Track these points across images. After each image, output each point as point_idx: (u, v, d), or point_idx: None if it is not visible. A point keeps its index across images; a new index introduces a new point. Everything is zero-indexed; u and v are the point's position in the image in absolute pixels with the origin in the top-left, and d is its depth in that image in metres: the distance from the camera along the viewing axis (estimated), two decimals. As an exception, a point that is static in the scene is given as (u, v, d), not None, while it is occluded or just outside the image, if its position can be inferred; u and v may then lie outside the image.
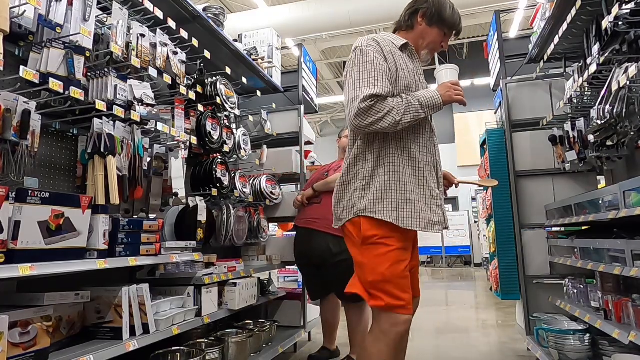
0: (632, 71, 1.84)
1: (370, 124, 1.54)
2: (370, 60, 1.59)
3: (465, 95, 1.72)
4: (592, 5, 2.31)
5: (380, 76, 1.57)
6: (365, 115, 1.53)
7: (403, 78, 1.64)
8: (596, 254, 2.32)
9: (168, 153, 2.37)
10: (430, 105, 1.60)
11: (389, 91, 1.56)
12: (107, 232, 1.73)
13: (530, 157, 3.36)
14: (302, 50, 4.31)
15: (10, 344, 1.36)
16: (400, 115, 1.54)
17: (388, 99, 1.56)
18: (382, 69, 1.59)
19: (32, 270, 1.36)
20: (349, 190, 1.68)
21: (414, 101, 1.57)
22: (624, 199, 1.91)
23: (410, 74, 1.67)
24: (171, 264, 2.42)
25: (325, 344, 3.25)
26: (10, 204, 1.37)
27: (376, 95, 1.53)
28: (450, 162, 13.44)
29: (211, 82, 2.88)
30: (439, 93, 1.62)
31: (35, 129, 1.65)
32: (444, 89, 1.64)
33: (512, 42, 4.10)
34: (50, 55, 1.65)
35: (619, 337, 1.95)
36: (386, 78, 1.58)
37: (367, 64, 1.59)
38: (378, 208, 1.59)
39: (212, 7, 3.15)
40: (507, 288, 3.30)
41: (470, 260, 12.07)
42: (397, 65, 1.64)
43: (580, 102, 2.73)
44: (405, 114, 1.55)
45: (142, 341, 1.80)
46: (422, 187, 1.63)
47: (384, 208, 1.59)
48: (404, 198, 1.59)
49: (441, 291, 7.48)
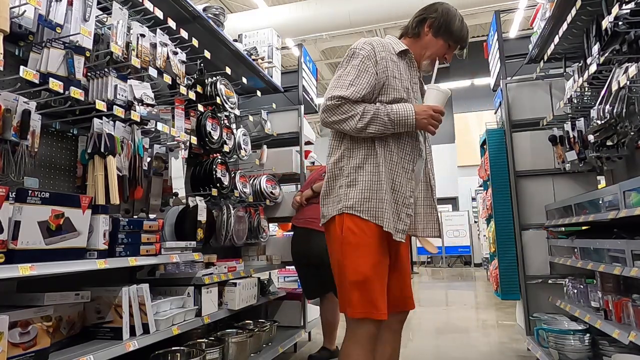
0: (632, 71, 1.84)
1: (333, 122, 1.57)
2: (355, 64, 1.60)
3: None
4: (592, 5, 2.31)
5: (357, 81, 1.57)
6: (330, 112, 1.56)
7: (393, 86, 1.62)
8: (596, 254, 2.32)
9: (168, 153, 2.37)
10: (401, 124, 1.58)
11: (359, 97, 1.56)
12: (107, 232, 1.73)
13: (530, 157, 3.36)
14: (302, 50, 4.31)
15: (10, 344, 1.36)
16: (364, 124, 1.55)
17: (360, 103, 1.56)
18: (365, 74, 1.59)
19: (32, 270, 1.36)
20: (335, 186, 1.66)
21: (384, 115, 1.56)
22: (624, 199, 1.91)
23: (403, 82, 1.65)
24: (171, 264, 2.42)
25: (325, 344, 3.25)
26: (10, 204, 1.37)
27: (343, 97, 1.54)
28: (450, 162, 13.46)
29: (211, 82, 2.88)
30: (415, 115, 1.58)
31: (35, 129, 1.65)
32: (423, 114, 1.60)
33: (512, 42, 4.10)
34: (50, 55, 1.65)
35: (619, 337, 1.95)
36: (365, 83, 1.58)
37: (350, 67, 1.61)
38: (364, 208, 1.58)
39: (212, 7, 3.15)
40: (507, 288, 3.30)
41: (470, 260, 12.07)
42: (387, 72, 1.62)
43: (580, 102, 2.73)
44: (369, 123, 1.55)
45: (142, 341, 1.80)
46: (395, 192, 1.61)
47: (370, 208, 1.58)
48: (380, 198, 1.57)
49: (441, 291, 7.48)
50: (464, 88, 13.05)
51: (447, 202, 13.32)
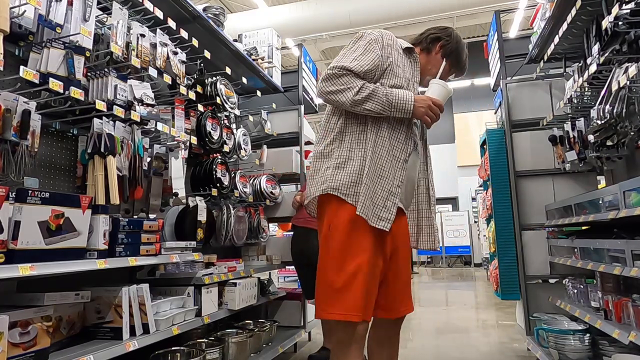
0: (632, 71, 1.84)
1: (330, 91, 1.54)
2: (361, 44, 1.61)
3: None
4: (592, 5, 2.31)
5: (362, 57, 1.57)
6: (329, 82, 1.54)
7: (395, 73, 1.62)
8: (596, 254, 2.32)
9: (168, 153, 2.37)
10: (398, 107, 1.56)
11: (362, 71, 1.55)
12: (107, 232, 1.73)
13: (530, 157, 3.36)
14: (302, 50, 4.31)
15: (10, 344, 1.36)
16: (361, 97, 1.52)
17: (360, 79, 1.55)
18: (370, 53, 1.59)
19: (32, 270, 1.36)
20: (321, 167, 1.62)
21: (382, 94, 1.55)
22: (624, 199, 1.91)
23: (405, 72, 1.66)
24: (171, 264, 2.42)
25: (325, 344, 3.25)
26: (10, 204, 1.37)
27: (345, 67, 1.53)
28: (450, 162, 13.46)
29: (211, 82, 2.88)
30: (415, 103, 1.57)
31: (35, 129, 1.65)
32: (422, 103, 1.58)
33: (512, 42, 4.10)
34: (50, 55, 1.65)
35: (619, 337, 1.95)
36: (369, 60, 1.57)
37: (356, 46, 1.61)
38: (350, 192, 1.53)
39: (212, 7, 3.15)
40: (507, 288, 3.30)
41: (470, 260, 12.08)
42: (392, 59, 1.63)
43: (580, 102, 2.73)
44: (367, 100, 1.53)
45: (142, 341, 1.80)
46: (382, 179, 1.56)
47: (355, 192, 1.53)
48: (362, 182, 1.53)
49: (441, 291, 7.48)
50: (464, 88, 13.05)
51: (447, 202, 13.32)
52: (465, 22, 9.91)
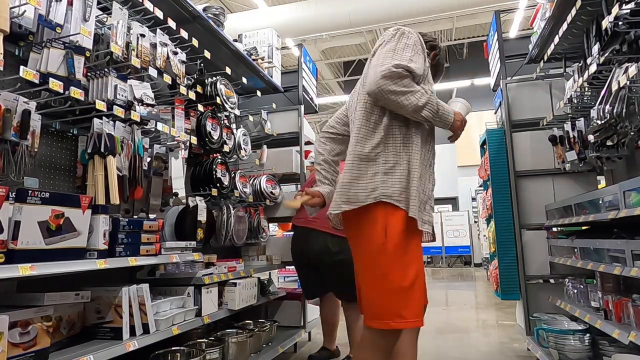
0: (632, 71, 1.84)
1: (392, 91, 1.48)
2: (408, 43, 1.57)
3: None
4: (592, 5, 2.31)
5: (416, 58, 1.55)
6: (393, 80, 1.47)
7: (429, 80, 1.65)
8: (596, 254, 2.32)
9: (168, 153, 2.37)
10: (442, 118, 1.58)
11: (419, 75, 1.54)
12: (107, 232, 1.74)
13: (530, 157, 3.36)
14: (302, 50, 4.31)
15: (10, 344, 1.36)
16: (422, 103, 1.50)
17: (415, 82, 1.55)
18: (420, 56, 1.59)
19: (32, 270, 1.36)
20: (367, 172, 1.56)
21: (435, 104, 1.55)
22: (624, 199, 1.91)
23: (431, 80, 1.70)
24: (171, 264, 2.42)
25: (325, 344, 3.25)
26: (10, 204, 1.37)
27: (409, 69, 1.49)
28: (450, 162, 13.47)
29: (211, 82, 2.88)
30: (455, 117, 1.62)
31: (35, 129, 1.65)
32: (458, 117, 1.64)
33: (512, 42, 4.10)
34: (50, 55, 1.65)
35: (619, 337, 1.95)
36: (421, 63, 1.57)
37: (403, 44, 1.56)
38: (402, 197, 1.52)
39: (212, 7, 3.15)
40: (507, 288, 3.30)
41: (470, 260, 12.07)
42: (427, 64, 1.65)
43: (580, 102, 2.73)
44: (425, 106, 1.52)
45: (142, 341, 1.80)
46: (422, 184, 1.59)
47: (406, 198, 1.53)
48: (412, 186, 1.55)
49: (441, 291, 7.48)
50: (464, 88, 13.05)
51: (447, 202, 13.32)
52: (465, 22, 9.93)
